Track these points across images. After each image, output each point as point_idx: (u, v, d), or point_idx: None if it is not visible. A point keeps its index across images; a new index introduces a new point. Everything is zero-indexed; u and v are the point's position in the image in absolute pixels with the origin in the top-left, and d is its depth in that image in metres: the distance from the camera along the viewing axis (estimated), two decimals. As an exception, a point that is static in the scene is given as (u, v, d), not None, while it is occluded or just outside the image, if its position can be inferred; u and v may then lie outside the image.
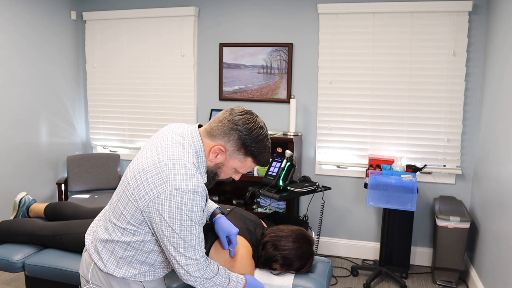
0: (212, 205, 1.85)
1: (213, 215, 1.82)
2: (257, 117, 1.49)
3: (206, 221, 1.82)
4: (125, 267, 1.52)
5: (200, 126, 1.54)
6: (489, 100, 3.11)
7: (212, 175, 1.52)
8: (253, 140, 1.45)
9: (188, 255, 1.44)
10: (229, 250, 1.77)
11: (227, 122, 1.45)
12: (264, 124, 1.50)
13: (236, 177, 1.58)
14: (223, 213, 1.83)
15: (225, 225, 1.76)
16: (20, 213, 2.60)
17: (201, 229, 1.47)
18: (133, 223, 1.45)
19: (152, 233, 1.46)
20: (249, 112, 1.48)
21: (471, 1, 3.26)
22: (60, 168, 4.17)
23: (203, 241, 1.50)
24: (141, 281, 1.55)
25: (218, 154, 1.47)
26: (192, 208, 1.39)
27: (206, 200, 1.51)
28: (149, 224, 1.43)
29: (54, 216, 2.56)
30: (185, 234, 1.41)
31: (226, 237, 1.75)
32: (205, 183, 1.49)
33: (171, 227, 1.39)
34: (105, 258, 1.52)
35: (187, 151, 1.44)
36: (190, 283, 1.50)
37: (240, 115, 1.45)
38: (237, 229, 1.78)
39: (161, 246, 1.51)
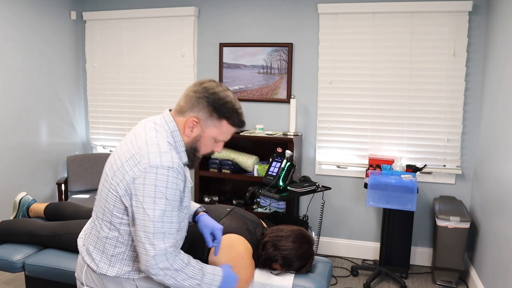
0: (195, 205, 1.84)
1: (195, 214, 1.80)
2: (220, 83, 1.53)
3: (189, 222, 1.81)
4: (118, 265, 1.51)
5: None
6: (489, 100, 3.11)
7: (192, 151, 1.51)
8: (223, 102, 1.46)
9: (157, 243, 1.37)
10: (215, 247, 1.74)
11: (192, 93, 1.47)
12: (228, 88, 1.53)
13: (218, 148, 1.54)
14: (205, 212, 1.82)
15: (209, 221, 1.74)
16: (20, 213, 2.60)
17: (174, 215, 1.42)
18: (117, 214, 1.45)
19: None
20: (210, 80, 1.52)
21: (471, 1, 3.26)
22: (60, 168, 4.17)
23: (175, 231, 1.43)
24: (134, 280, 1.52)
25: (193, 127, 1.47)
26: (167, 184, 1.38)
27: (186, 181, 1.48)
28: (129, 212, 1.43)
29: (54, 216, 2.56)
30: (157, 215, 1.37)
31: (211, 233, 1.72)
32: (187, 164, 1.50)
33: (143, 208, 1.37)
34: (97, 259, 1.52)
35: (160, 133, 1.46)
36: (159, 278, 1.41)
37: (203, 84, 1.49)
38: (222, 226, 1.75)
39: None
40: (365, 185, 3.21)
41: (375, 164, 3.44)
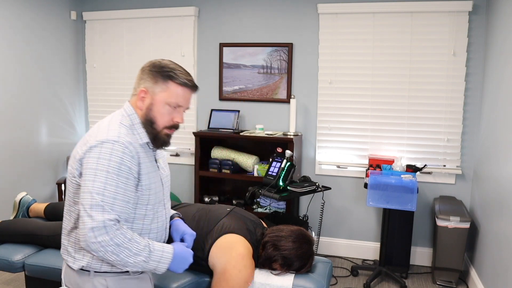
0: (171, 211, 1.80)
1: (171, 219, 1.77)
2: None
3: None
4: (89, 255, 1.48)
5: None
6: (489, 100, 3.11)
7: (149, 124, 1.49)
8: (163, 65, 1.50)
9: (94, 215, 1.34)
10: None
11: (138, 74, 1.56)
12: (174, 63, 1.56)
13: (178, 117, 1.51)
14: (182, 219, 1.78)
15: (180, 226, 1.71)
16: (20, 213, 2.60)
17: (120, 192, 1.39)
18: (77, 200, 1.45)
19: None
20: (152, 60, 1.56)
21: (471, 1, 3.26)
22: (60, 168, 4.17)
23: (120, 208, 1.39)
24: (105, 280, 1.50)
25: (143, 98, 1.50)
26: (110, 157, 1.38)
27: (140, 160, 1.45)
28: None
29: (54, 216, 2.56)
30: (97, 187, 1.35)
31: (181, 239, 1.67)
32: (150, 144, 1.51)
33: (85, 180, 1.37)
34: (72, 252, 1.52)
35: (115, 117, 1.51)
36: (100, 254, 1.37)
37: (144, 64, 1.56)
38: (194, 232, 1.70)
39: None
40: (365, 185, 3.21)
41: (375, 164, 3.44)
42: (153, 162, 1.55)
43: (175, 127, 1.53)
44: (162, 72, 1.48)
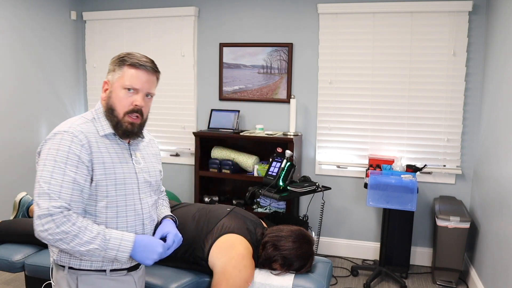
0: (165, 212, 1.77)
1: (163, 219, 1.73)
2: None
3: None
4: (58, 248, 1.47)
5: None
6: (489, 100, 3.11)
7: (110, 112, 1.50)
8: (119, 56, 1.53)
9: (41, 203, 1.35)
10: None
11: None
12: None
13: (136, 100, 1.49)
14: (174, 221, 1.73)
15: (166, 226, 1.65)
16: (20, 213, 2.60)
17: (66, 179, 1.38)
18: None
19: None
20: None
21: (471, 1, 3.26)
22: (60, 168, 4.16)
23: (68, 195, 1.38)
24: (77, 279, 1.49)
25: (105, 89, 1.53)
26: (59, 146, 1.41)
27: (92, 149, 1.44)
28: None
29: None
30: (44, 176, 1.37)
31: (161, 238, 1.60)
32: (115, 133, 1.51)
33: (37, 171, 1.40)
34: (50, 246, 1.53)
35: (81, 115, 1.55)
36: (51, 243, 1.37)
37: None
38: (179, 234, 1.64)
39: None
40: (365, 185, 3.21)
41: (375, 164, 3.44)
42: (123, 154, 1.53)
43: (135, 111, 1.49)
44: (118, 59, 1.52)
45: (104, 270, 1.51)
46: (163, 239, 1.60)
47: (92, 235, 1.39)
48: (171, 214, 1.78)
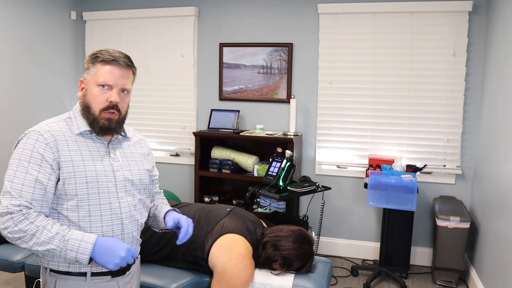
0: (166, 207, 1.74)
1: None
2: None
3: (165, 229, 1.74)
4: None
5: None
6: (489, 100, 3.11)
7: (86, 110, 1.49)
8: (92, 54, 1.52)
9: (2, 201, 1.36)
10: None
11: None
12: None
13: (111, 96, 1.47)
14: (176, 211, 1.71)
15: (175, 213, 1.66)
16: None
17: (28, 177, 1.38)
18: None
19: None
20: None
21: (471, 1, 3.26)
22: (60, 168, 4.16)
23: (30, 193, 1.37)
24: (55, 282, 1.46)
25: (82, 88, 1.53)
26: (24, 146, 1.43)
27: (58, 149, 1.42)
28: None
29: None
30: (8, 175, 1.39)
31: (177, 227, 1.61)
32: (93, 131, 1.50)
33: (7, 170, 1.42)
34: None
35: (58, 116, 1.55)
36: (13, 241, 1.37)
37: None
38: (186, 217, 1.64)
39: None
40: (365, 185, 3.21)
41: (375, 164, 3.44)
42: (99, 151, 1.51)
43: (111, 107, 1.48)
44: (91, 57, 1.51)
45: (85, 274, 1.46)
46: (178, 227, 1.62)
47: (50, 235, 1.35)
48: (174, 208, 1.75)
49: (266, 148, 3.71)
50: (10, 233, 1.35)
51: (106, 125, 1.49)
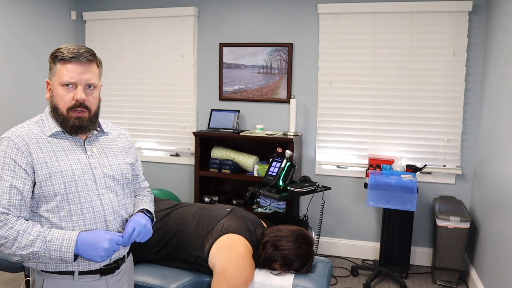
0: (140, 206, 1.67)
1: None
2: None
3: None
4: None
5: None
6: (489, 100, 3.11)
7: (55, 111, 1.48)
8: (53, 53, 1.48)
9: None
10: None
11: None
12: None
13: (76, 94, 1.45)
14: (148, 215, 1.63)
15: (134, 216, 1.57)
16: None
17: (3, 184, 1.37)
18: None
19: None
20: None
21: (471, 1, 3.26)
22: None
23: (6, 200, 1.37)
24: (43, 281, 1.46)
25: (49, 89, 1.50)
26: None
27: (30, 153, 1.41)
28: None
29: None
30: None
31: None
32: (64, 131, 1.48)
33: None
34: None
35: (29, 119, 1.53)
36: None
37: None
38: (145, 224, 1.54)
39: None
40: (365, 185, 3.21)
41: (375, 164, 3.44)
42: (74, 150, 1.49)
43: (77, 106, 1.45)
44: (51, 57, 1.47)
45: (72, 273, 1.45)
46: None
47: (30, 238, 1.34)
48: (145, 208, 1.66)
49: (266, 148, 3.71)
50: None
51: (77, 124, 1.47)
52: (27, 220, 1.40)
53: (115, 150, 1.61)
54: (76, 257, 1.37)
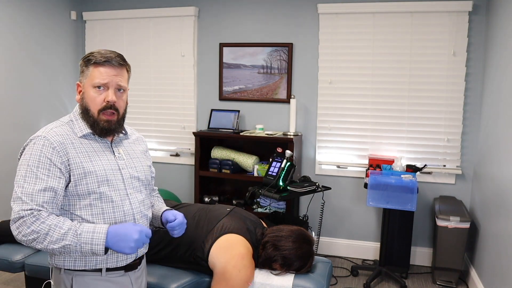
0: (164, 206, 1.80)
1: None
2: None
3: (159, 227, 1.77)
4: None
5: None
6: (489, 100, 3.11)
7: (85, 112, 1.52)
8: (85, 57, 1.53)
9: (14, 207, 1.40)
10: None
11: None
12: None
13: (107, 96, 1.49)
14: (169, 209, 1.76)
15: (171, 211, 1.71)
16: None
17: (39, 182, 1.40)
18: None
19: None
20: None
21: (471, 1, 3.26)
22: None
23: (41, 197, 1.40)
24: (72, 279, 1.49)
25: (79, 91, 1.55)
26: (32, 151, 1.44)
27: (67, 152, 1.45)
28: None
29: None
30: (18, 181, 1.43)
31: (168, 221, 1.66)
32: (94, 133, 1.52)
33: (15, 177, 1.44)
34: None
35: (59, 119, 1.58)
36: (28, 244, 1.39)
37: None
38: (181, 213, 1.69)
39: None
40: (365, 185, 3.21)
41: (375, 164, 3.44)
42: (104, 152, 1.55)
43: (108, 107, 1.50)
44: (84, 60, 1.53)
45: (100, 270, 1.50)
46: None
47: (62, 231, 1.37)
48: (170, 208, 1.78)
49: (266, 148, 3.71)
50: (24, 236, 1.37)
51: (106, 127, 1.52)
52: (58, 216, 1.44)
53: (137, 153, 1.68)
54: (106, 250, 1.40)
